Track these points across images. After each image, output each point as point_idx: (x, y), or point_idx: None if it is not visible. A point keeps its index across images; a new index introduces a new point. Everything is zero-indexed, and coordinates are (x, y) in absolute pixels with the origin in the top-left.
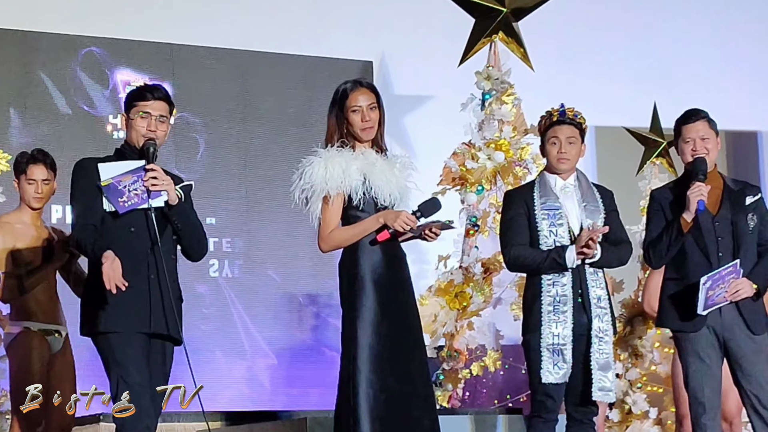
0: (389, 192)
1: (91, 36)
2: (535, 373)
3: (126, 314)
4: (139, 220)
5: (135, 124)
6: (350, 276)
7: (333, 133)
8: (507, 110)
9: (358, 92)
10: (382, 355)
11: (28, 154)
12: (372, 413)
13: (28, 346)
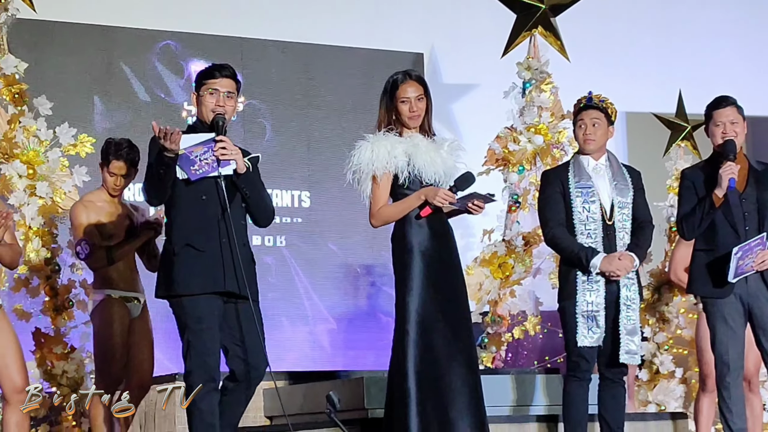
0: (433, 171)
1: (168, 30)
2: (570, 337)
3: (199, 277)
4: (210, 189)
5: (204, 100)
6: (401, 248)
7: (382, 120)
8: (545, 97)
9: (407, 84)
10: (429, 320)
11: (113, 147)
12: (418, 372)
13: (110, 312)
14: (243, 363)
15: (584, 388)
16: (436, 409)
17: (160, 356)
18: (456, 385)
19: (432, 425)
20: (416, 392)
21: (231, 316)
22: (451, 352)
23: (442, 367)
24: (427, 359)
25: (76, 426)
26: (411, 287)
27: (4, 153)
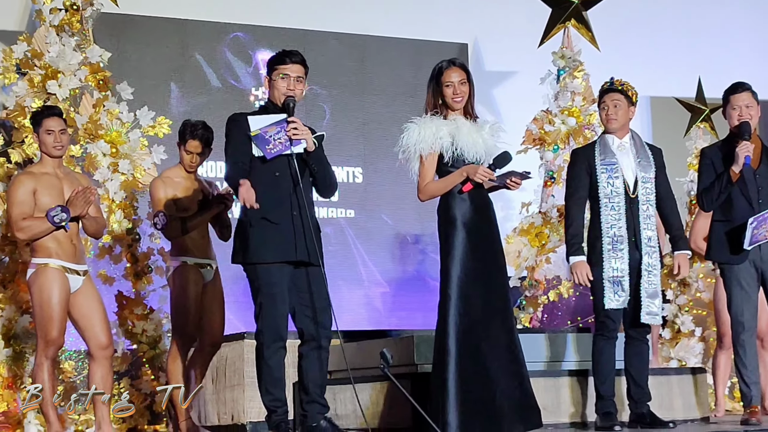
0: (475, 151)
1: (237, 23)
2: (598, 299)
3: (273, 247)
4: (282, 166)
5: (276, 84)
6: (445, 220)
7: (429, 104)
8: (578, 83)
9: (451, 70)
10: (469, 285)
11: (189, 128)
12: (458, 332)
13: (185, 277)
14: (312, 322)
15: (611, 346)
16: (475, 365)
17: (230, 317)
18: (493, 344)
19: (470, 380)
20: (455, 349)
21: (302, 280)
22: (489, 314)
23: (481, 327)
24: (466, 321)
25: (155, 380)
26: (453, 255)
27: (89, 134)
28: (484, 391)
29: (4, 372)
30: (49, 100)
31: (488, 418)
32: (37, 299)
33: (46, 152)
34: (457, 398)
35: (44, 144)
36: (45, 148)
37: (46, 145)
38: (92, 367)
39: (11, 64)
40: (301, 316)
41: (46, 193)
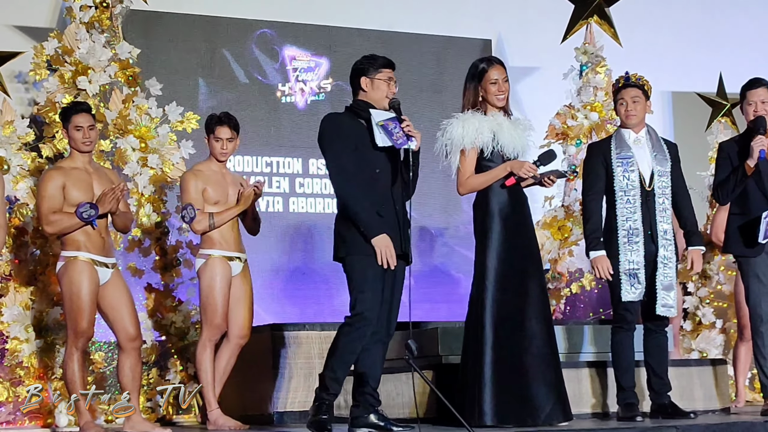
0: (513, 147)
1: (264, 20)
2: (615, 292)
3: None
4: (383, 162)
5: (381, 85)
6: (483, 213)
7: (469, 101)
8: (600, 79)
9: (495, 68)
10: (505, 277)
11: (216, 117)
12: (494, 322)
13: (214, 270)
14: (385, 316)
15: (630, 338)
16: (511, 355)
17: (257, 309)
18: (529, 335)
19: (506, 370)
20: (492, 339)
21: (388, 274)
22: (525, 305)
23: (517, 319)
24: (503, 311)
25: (184, 371)
26: (490, 247)
27: (119, 129)
28: (521, 381)
29: (35, 363)
30: (79, 95)
31: (524, 407)
32: (67, 291)
33: (75, 148)
34: (493, 387)
35: (73, 140)
36: (74, 144)
37: (75, 141)
38: (121, 358)
39: (42, 60)
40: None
41: (75, 188)
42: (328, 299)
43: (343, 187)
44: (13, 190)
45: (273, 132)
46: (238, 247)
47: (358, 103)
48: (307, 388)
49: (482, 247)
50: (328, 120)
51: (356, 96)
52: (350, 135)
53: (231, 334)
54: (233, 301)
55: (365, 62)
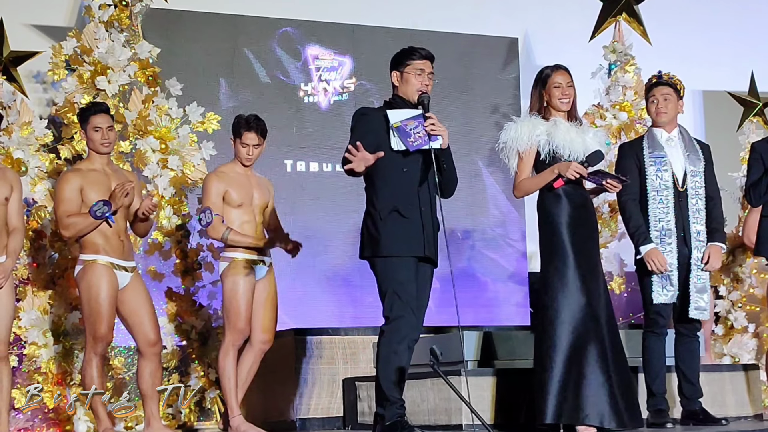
0: (571, 149)
1: (287, 18)
2: (646, 295)
3: (404, 241)
4: (410, 162)
5: (411, 79)
6: (544, 219)
7: (533, 106)
8: (629, 78)
9: (559, 73)
10: (575, 281)
11: (245, 120)
12: (568, 326)
13: (237, 273)
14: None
15: (661, 342)
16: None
17: (280, 312)
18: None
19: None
20: (566, 347)
21: (425, 273)
22: (594, 309)
23: (587, 323)
24: (578, 317)
25: (205, 376)
26: (557, 251)
27: (139, 130)
28: (598, 387)
29: (54, 368)
30: (98, 96)
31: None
32: (86, 296)
33: (94, 149)
34: (558, 387)
35: (92, 141)
36: (92, 145)
37: (94, 142)
38: (141, 363)
39: (61, 60)
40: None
41: (93, 190)
42: (352, 303)
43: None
44: (31, 192)
45: (295, 133)
46: (262, 250)
47: (393, 98)
48: (330, 394)
49: (548, 251)
50: (355, 114)
51: (394, 90)
52: (373, 131)
53: (254, 338)
54: (257, 305)
55: (398, 55)
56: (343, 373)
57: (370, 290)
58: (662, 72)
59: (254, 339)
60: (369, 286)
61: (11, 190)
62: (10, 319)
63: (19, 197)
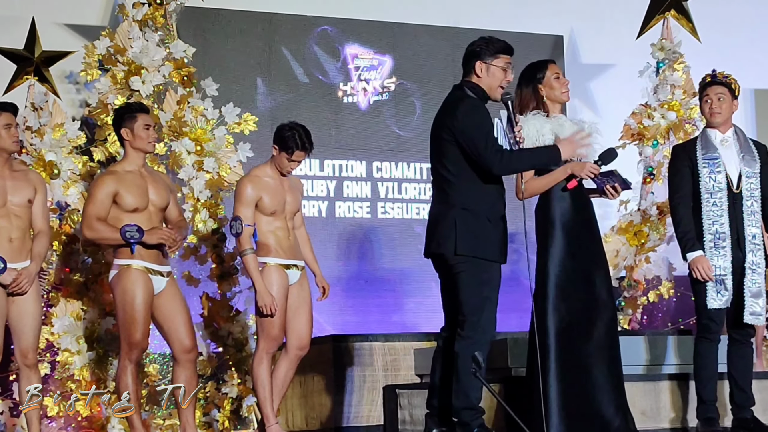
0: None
1: (325, 16)
2: (700, 299)
3: (498, 246)
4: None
5: (496, 72)
6: (544, 218)
7: (528, 103)
8: (678, 76)
9: (552, 65)
10: (569, 285)
11: (299, 139)
12: (557, 331)
13: (270, 278)
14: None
15: (714, 348)
16: (576, 366)
17: (318, 319)
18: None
19: (572, 380)
20: (555, 349)
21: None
22: (590, 314)
23: (582, 328)
24: (566, 320)
25: (241, 384)
26: (551, 254)
27: (174, 131)
28: (587, 392)
29: (87, 376)
30: (132, 96)
31: (592, 419)
32: (120, 301)
33: (140, 147)
34: (559, 399)
35: (139, 139)
36: (139, 144)
37: (142, 140)
38: (176, 370)
39: (94, 60)
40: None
41: (129, 193)
42: (392, 309)
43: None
44: (64, 195)
45: (334, 134)
46: (294, 254)
47: (471, 87)
48: (370, 402)
49: (543, 253)
50: (477, 107)
51: (468, 78)
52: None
53: (289, 345)
54: (291, 311)
55: (482, 44)
56: (383, 381)
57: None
58: (716, 71)
59: (289, 346)
60: (410, 291)
61: (35, 192)
62: (37, 325)
63: (43, 199)
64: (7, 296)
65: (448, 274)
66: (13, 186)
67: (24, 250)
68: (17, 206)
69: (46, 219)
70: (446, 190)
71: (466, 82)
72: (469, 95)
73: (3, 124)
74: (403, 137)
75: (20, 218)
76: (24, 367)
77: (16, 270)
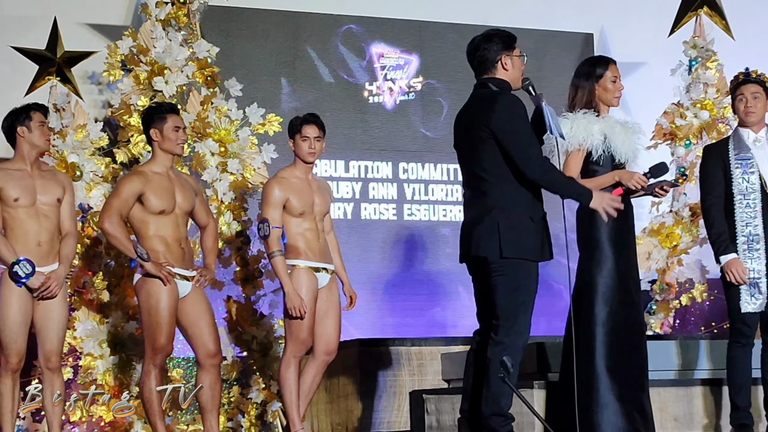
0: (624, 151)
1: (350, 15)
2: (733, 303)
3: (540, 244)
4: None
5: (516, 63)
6: (588, 222)
7: (581, 101)
8: (711, 74)
9: (614, 66)
10: (614, 289)
11: (301, 117)
12: (605, 336)
13: (299, 281)
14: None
15: (747, 353)
16: (625, 372)
17: (344, 323)
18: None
19: (622, 388)
20: (606, 356)
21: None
22: (633, 317)
23: (625, 332)
24: (610, 325)
25: (266, 389)
26: (597, 258)
27: (197, 132)
28: (638, 399)
29: (110, 381)
30: (155, 97)
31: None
32: (145, 305)
33: (169, 149)
34: (613, 405)
35: (169, 141)
36: (168, 145)
37: (171, 142)
38: (200, 375)
39: (116, 60)
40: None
41: (155, 195)
42: (419, 312)
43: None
44: (86, 197)
45: (360, 134)
46: (324, 257)
47: (498, 82)
48: (396, 408)
49: (588, 257)
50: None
51: (492, 74)
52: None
53: (317, 350)
54: (320, 315)
55: (497, 39)
56: (410, 386)
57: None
58: (749, 69)
59: (317, 350)
60: (436, 294)
61: (64, 192)
62: (63, 329)
63: (71, 200)
64: (36, 299)
65: (486, 278)
66: (42, 185)
67: (52, 254)
68: (46, 205)
69: (74, 221)
70: (484, 191)
71: (490, 78)
72: (502, 91)
73: (37, 123)
74: (430, 138)
75: (48, 219)
76: (47, 370)
77: (43, 274)
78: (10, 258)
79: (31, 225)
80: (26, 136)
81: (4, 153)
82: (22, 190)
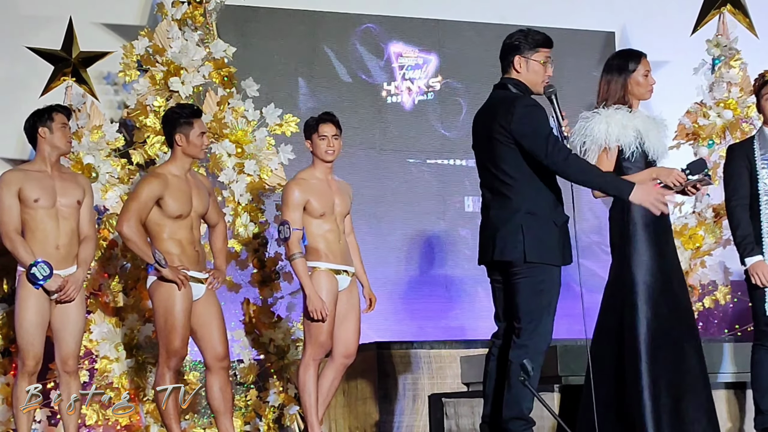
0: (657, 148)
1: (368, 14)
2: (758, 306)
3: (562, 249)
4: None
5: (536, 67)
6: (624, 221)
7: (613, 95)
8: (734, 73)
9: (645, 61)
10: (656, 290)
11: (316, 117)
12: (648, 339)
13: (319, 283)
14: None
15: None
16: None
17: (363, 326)
18: (684, 354)
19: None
20: (648, 361)
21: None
22: (676, 318)
23: (669, 333)
24: (654, 326)
25: (283, 392)
26: (635, 259)
27: (214, 133)
28: (679, 404)
29: (126, 384)
30: (171, 98)
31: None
32: (160, 308)
33: (193, 154)
34: (654, 411)
35: (194, 146)
36: (193, 151)
37: (197, 148)
38: (209, 378)
39: (132, 60)
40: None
41: (173, 198)
42: (438, 315)
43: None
44: (102, 199)
45: (378, 134)
46: (345, 259)
47: (515, 84)
48: (416, 411)
49: (625, 257)
50: (534, 106)
51: (508, 75)
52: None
53: (336, 353)
54: (339, 318)
55: (520, 37)
56: (428, 389)
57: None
58: None
59: (336, 353)
60: (455, 296)
61: (83, 194)
62: (80, 332)
63: (90, 203)
64: (53, 302)
65: (509, 281)
66: (62, 187)
67: (70, 257)
68: (66, 207)
69: (93, 224)
70: (506, 194)
71: (507, 79)
72: (520, 93)
73: (59, 124)
74: (449, 138)
75: (68, 221)
76: (64, 373)
77: (61, 277)
78: (29, 260)
79: (50, 227)
80: (47, 138)
81: (20, 155)
82: (42, 192)
